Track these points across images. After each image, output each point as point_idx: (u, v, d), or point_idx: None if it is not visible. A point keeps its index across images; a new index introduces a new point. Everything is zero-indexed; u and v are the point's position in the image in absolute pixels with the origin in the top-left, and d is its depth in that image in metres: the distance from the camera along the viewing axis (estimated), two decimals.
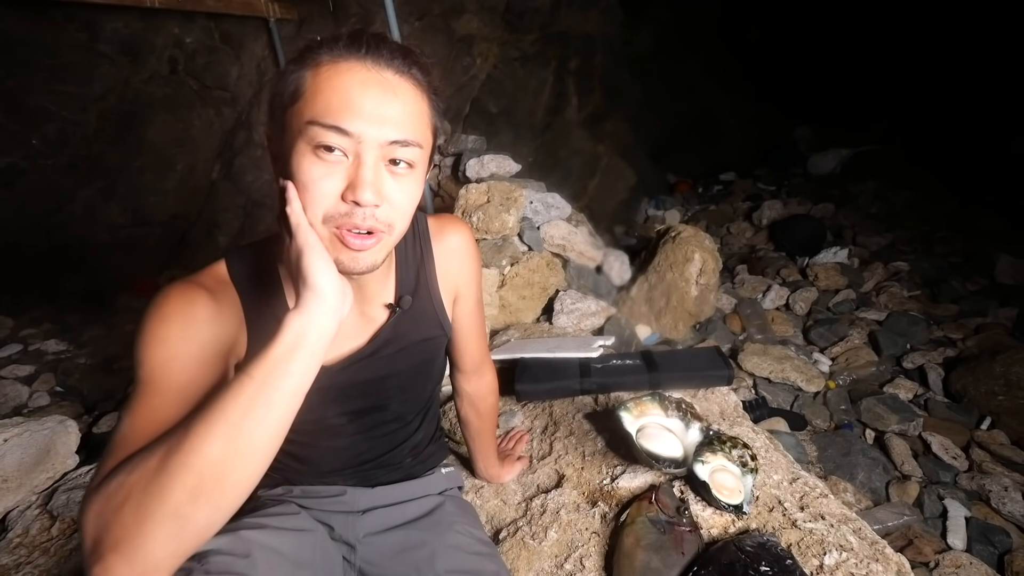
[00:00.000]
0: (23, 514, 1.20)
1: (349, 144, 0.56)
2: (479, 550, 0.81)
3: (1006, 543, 1.58)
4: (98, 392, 2.05)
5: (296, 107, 0.57)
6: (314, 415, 0.77)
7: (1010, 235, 3.41)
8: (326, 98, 0.56)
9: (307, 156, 0.56)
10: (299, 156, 0.57)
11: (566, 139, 4.08)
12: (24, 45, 2.47)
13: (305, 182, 0.57)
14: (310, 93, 0.56)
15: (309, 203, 0.57)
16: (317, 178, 0.56)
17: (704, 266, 2.40)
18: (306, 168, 0.56)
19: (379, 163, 0.58)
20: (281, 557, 0.68)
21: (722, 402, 1.36)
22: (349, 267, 0.60)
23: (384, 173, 0.59)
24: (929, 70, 5.03)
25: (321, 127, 0.55)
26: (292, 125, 0.58)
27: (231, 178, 3.26)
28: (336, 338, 0.73)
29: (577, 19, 4.06)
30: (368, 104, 0.56)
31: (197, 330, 0.62)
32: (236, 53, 3.04)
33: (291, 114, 0.58)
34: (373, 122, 0.56)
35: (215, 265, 0.70)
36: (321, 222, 0.58)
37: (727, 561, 0.81)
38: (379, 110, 0.56)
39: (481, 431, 1.07)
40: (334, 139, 0.55)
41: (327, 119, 0.55)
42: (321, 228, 0.58)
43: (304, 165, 0.56)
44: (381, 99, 0.57)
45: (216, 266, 0.70)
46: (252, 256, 0.72)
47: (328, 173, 0.57)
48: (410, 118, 0.59)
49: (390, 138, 0.57)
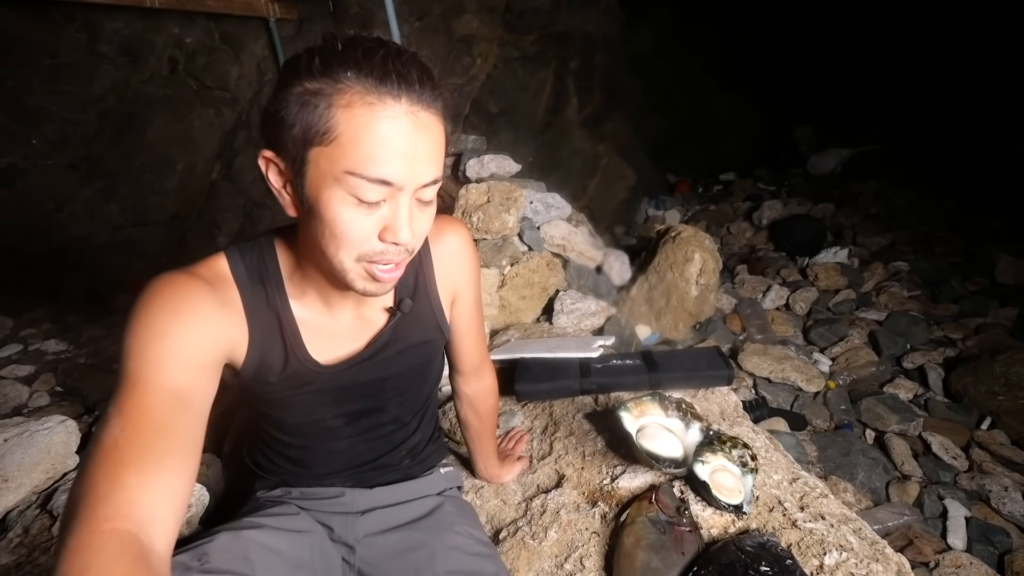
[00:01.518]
0: (23, 514, 1.20)
1: (388, 191, 0.56)
2: (479, 551, 0.81)
3: (1006, 543, 1.58)
4: (98, 392, 2.04)
5: (328, 150, 0.54)
6: (312, 417, 0.77)
7: (1010, 235, 3.40)
8: (367, 148, 0.54)
9: (346, 204, 0.56)
10: (335, 202, 0.56)
11: (566, 139, 4.08)
12: (24, 45, 2.47)
13: (343, 229, 0.57)
14: (347, 139, 0.54)
15: (344, 244, 0.58)
16: (356, 224, 0.57)
17: (704, 266, 2.40)
18: (345, 216, 0.56)
19: (412, 202, 0.59)
20: (280, 558, 0.68)
21: (722, 402, 1.36)
22: (376, 293, 0.63)
23: (415, 211, 0.60)
24: (929, 70, 5.02)
25: (364, 179, 0.54)
26: (321, 166, 0.55)
27: (231, 178, 3.26)
28: (335, 340, 0.74)
29: (577, 19, 4.06)
30: (405, 149, 0.55)
31: (197, 327, 0.59)
32: (236, 53, 3.04)
33: (319, 154, 0.55)
34: (410, 166, 0.56)
35: (214, 259, 0.68)
36: (355, 260, 0.59)
37: (727, 561, 0.81)
38: (414, 152, 0.56)
39: (481, 432, 1.07)
40: (377, 191, 0.55)
41: (371, 172, 0.54)
42: (353, 265, 0.59)
43: (343, 213, 0.56)
44: (415, 141, 0.56)
45: (215, 260, 0.67)
46: (253, 253, 0.70)
47: (366, 218, 0.57)
48: (437, 153, 0.59)
49: (425, 181, 0.58)
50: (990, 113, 4.40)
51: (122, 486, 0.47)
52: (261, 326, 0.68)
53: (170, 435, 0.52)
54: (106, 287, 2.98)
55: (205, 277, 0.64)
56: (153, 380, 0.54)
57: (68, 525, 0.45)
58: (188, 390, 0.56)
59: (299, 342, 0.71)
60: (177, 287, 0.60)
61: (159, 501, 0.48)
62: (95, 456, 0.49)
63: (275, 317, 0.69)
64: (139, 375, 0.54)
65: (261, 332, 0.68)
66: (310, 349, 0.71)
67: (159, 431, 0.51)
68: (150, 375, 0.54)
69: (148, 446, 0.50)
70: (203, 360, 0.59)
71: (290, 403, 0.75)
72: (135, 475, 0.48)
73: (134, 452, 0.49)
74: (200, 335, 0.59)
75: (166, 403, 0.53)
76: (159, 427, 0.52)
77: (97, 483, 0.47)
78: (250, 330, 0.67)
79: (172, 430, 0.52)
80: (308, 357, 0.71)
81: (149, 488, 0.48)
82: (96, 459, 0.49)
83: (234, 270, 0.67)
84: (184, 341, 0.57)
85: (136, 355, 0.55)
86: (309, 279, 0.69)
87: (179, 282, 0.61)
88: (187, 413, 0.55)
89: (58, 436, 1.36)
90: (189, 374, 0.57)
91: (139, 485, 0.48)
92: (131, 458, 0.49)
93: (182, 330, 0.58)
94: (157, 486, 0.49)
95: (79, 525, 0.44)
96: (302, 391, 0.73)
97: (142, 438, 0.50)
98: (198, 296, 0.61)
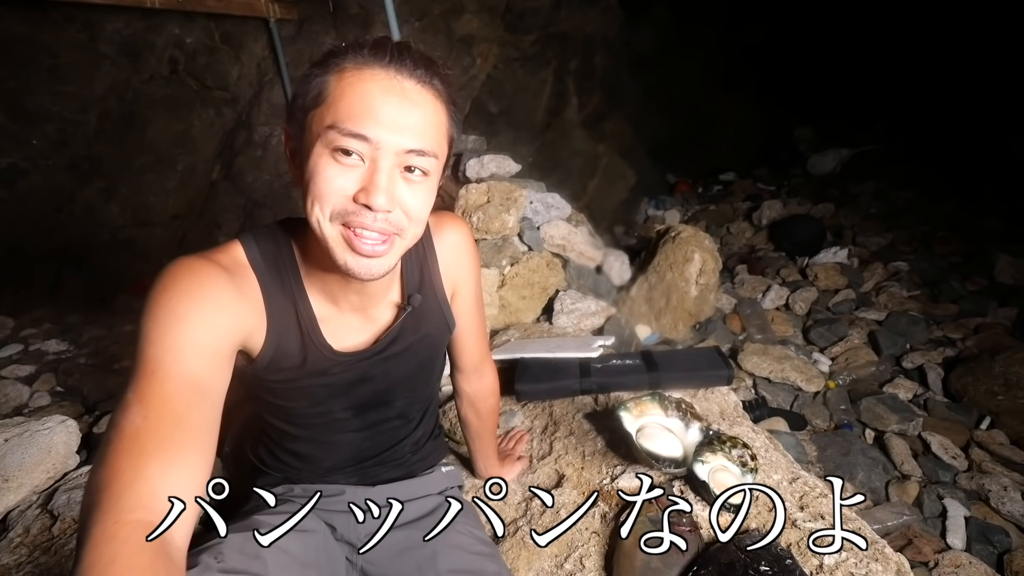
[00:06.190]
0: (24, 514, 1.20)
1: (367, 149, 0.57)
2: (480, 550, 0.81)
3: (1005, 543, 1.59)
4: (99, 392, 2.04)
5: (318, 111, 0.58)
6: (321, 408, 0.77)
7: (1010, 235, 3.41)
8: (348, 103, 0.56)
9: (324, 158, 0.57)
10: (316, 157, 0.58)
11: (566, 139, 4.09)
12: (25, 45, 2.47)
13: (318, 181, 0.58)
14: (332, 98, 0.57)
15: (319, 199, 0.58)
16: (330, 177, 0.57)
17: (704, 266, 2.40)
18: (321, 169, 0.57)
19: (394, 169, 0.59)
20: (290, 557, 0.68)
21: (722, 402, 1.36)
22: (360, 273, 0.61)
23: (398, 179, 0.59)
24: (929, 70, 5.02)
25: (340, 132, 0.56)
26: (312, 128, 0.58)
27: (231, 178, 3.27)
28: (347, 332, 0.74)
29: (577, 19, 4.06)
30: (388, 111, 0.57)
31: (215, 315, 0.59)
32: (236, 53, 3.04)
33: (312, 117, 0.59)
34: (392, 129, 0.57)
35: (230, 245, 0.67)
36: (329, 220, 0.59)
37: (727, 561, 0.81)
38: (398, 118, 0.57)
39: (481, 432, 1.07)
40: (352, 144, 0.56)
41: (347, 124, 0.56)
42: (329, 228, 0.59)
43: (320, 166, 0.57)
44: (401, 107, 0.57)
45: (231, 247, 0.67)
46: (269, 241, 0.69)
47: (342, 174, 0.57)
48: (428, 128, 0.60)
49: (407, 146, 0.58)
50: (990, 113, 4.39)
51: (145, 476, 0.47)
52: (278, 313, 0.68)
53: (190, 426, 0.52)
54: (106, 287, 2.98)
55: (222, 263, 0.64)
56: (172, 368, 0.54)
57: (92, 514, 0.45)
58: (205, 379, 0.56)
59: (316, 329, 0.70)
60: (196, 272, 0.60)
61: (179, 492, 0.49)
62: (116, 443, 0.49)
63: (292, 305, 0.69)
64: (159, 362, 0.54)
65: (278, 319, 0.68)
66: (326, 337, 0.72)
67: (179, 421, 0.52)
68: (169, 363, 0.54)
69: (169, 436, 0.50)
70: (220, 348, 0.59)
71: (301, 393, 0.75)
72: (157, 465, 0.48)
73: (156, 442, 0.49)
74: (218, 323, 0.59)
75: (186, 392, 0.53)
76: (179, 417, 0.52)
77: (120, 472, 0.47)
78: (268, 317, 0.67)
79: (191, 420, 0.53)
80: (325, 344, 0.71)
81: (170, 479, 0.49)
82: (118, 447, 0.49)
83: (250, 257, 0.67)
84: (203, 328, 0.57)
85: (155, 341, 0.54)
86: (316, 271, 0.69)
87: (197, 267, 0.61)
88: (205, 403, 0.55)
89: (59, 436, 1.36)
90: (207, 362, 0.57)
91: (161, 476, 0.48)
92: (153, 448, 0.49)
93: (201, 317, 0.57)
94: (178, 477, 0.49)
95: (103, 514, 0.45)
96: (315, 380, 0.73)
97: (163, 428, 0.50)
98: (216, 283, 0.61)
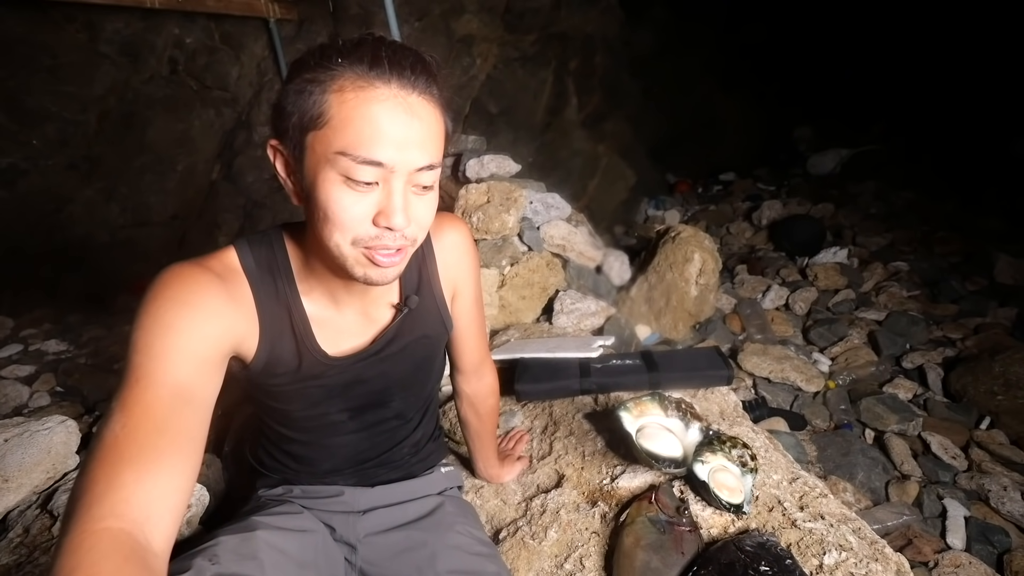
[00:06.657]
0: (23, 514, 1.20)
1: (380, 173, 0.57)
2: (480, 551, 0.81)
3: (1005, 543, 1.58)
4: (98, 392, 2.04)
5: (320, 133, 0.57)
6: (318, 411, 0.77)
7: (1010, 235, 3.40)
8: (356, 129, 0.55)
9: (337, 184, 0.57)
10: (328, 184, 0.57)
11: (566, 139, 4.09)
12: (24, 45, 2.47)
13: (335, 210, 0.57)
14: (337, 121, 0.56)
15: (339, 228, 0.58)
16: (348, 206, 0.57)
17: (704, 266, 2.40)
18: (336, 197, 0.57)
19: (407, 187, 0.59)
20: (287, 558, 0.68)
21: (722, 402, 1.36)
22: (378, 281, 0.62)
23: (411, 196, 0.60)
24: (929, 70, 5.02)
25: (354, 160, 0.55)
26: (315, 149, 0.57)
27: (231, 178, 3.26)
28: (343, 335, 0.74)
29: (577, 19, 4.06)
30: (396, 131, 0.56)
31: (204, 322, 0.59)
32: (236, 53, 3.04)
33: (313, 138, 0.57)
34: (403, 151, 0.57)
35: (223, 251, 0.67)
36: (350, 244, 0.59)
37: (727, 561, 0.81)
38: (407, 137, 0.57)
39: (481, 432, 1.07)
40: (367, 172, 0.56)
41: (359, 152, 0.55)
42: (350, 250, 0.59)
43: (334, 193, 0.57)
44: (408, 126, 0.57)
45: (224, 253, 0.67)
46: (263, 246, 0.70)
47: (359, 201, 0.57)
48: (432, 140, 0.60)
49: (417, 164, 0.58)
50: (990, 113, 4.40)
51: (119, 484, 0.47)
52: (271, 319, 0.68)
53: (171, 432, 0.52)
54: (106, 287, 2.98)
55: (215, 270, 0.64)
56: (156, 375, 0.54)
57: (65, 525, 0.46)
58: (192, 386, 0.56)
59: (310, 335, 0.71)
60: (186, 279, 0.60)
61: (156, 499, 0.48)
62: (95, 454, 0.49)
63: (285, 310, 0.69)
64: (143, 370, 0.54)
65: (271, 325, 0.68)
66: (320, 342, 0.72)
67: (159, 428, 0.51)
68: (153, 370, 0.54)
69: (147, 443, 0.50)
70: (209, 355, 0.59)
71: (297, 396, 0.75)
72: (132, 473, 0.48)
73: (133, 450, 0.49)
74: (207, 329, 0.59)
75: (168, 399, 0.53)
76: (160, 424, 0.51)
77: (95, 482, 0.47)
78: (260, 323, 0.67)
79: (173, 427, 0.52)
80: (318, 349, 0.71)
81: (146, 486, 0.48)
82: (96, 457, 0.49)
83: (244, 262, 0.67)
84: (190, 336, 0.57)
85: (141, 349, 0.54)
86: (316, 274, 0.69)
87: (188, 274, 0.61)
88: (190, 409, 0.55)
89: (58, 436, 1.36)
90: (193, 369, 0.56)
91: (136, 483, 0.48)
92: (130, 456, 0.49)
93: (189, 324, 0.57)
94: (155, 483, 0.49)
95: (74, 525, 0.45)
96: (310, 384, 0.74)
97: (142, 435, 0.50)
98: (207, 289, 0.61)
